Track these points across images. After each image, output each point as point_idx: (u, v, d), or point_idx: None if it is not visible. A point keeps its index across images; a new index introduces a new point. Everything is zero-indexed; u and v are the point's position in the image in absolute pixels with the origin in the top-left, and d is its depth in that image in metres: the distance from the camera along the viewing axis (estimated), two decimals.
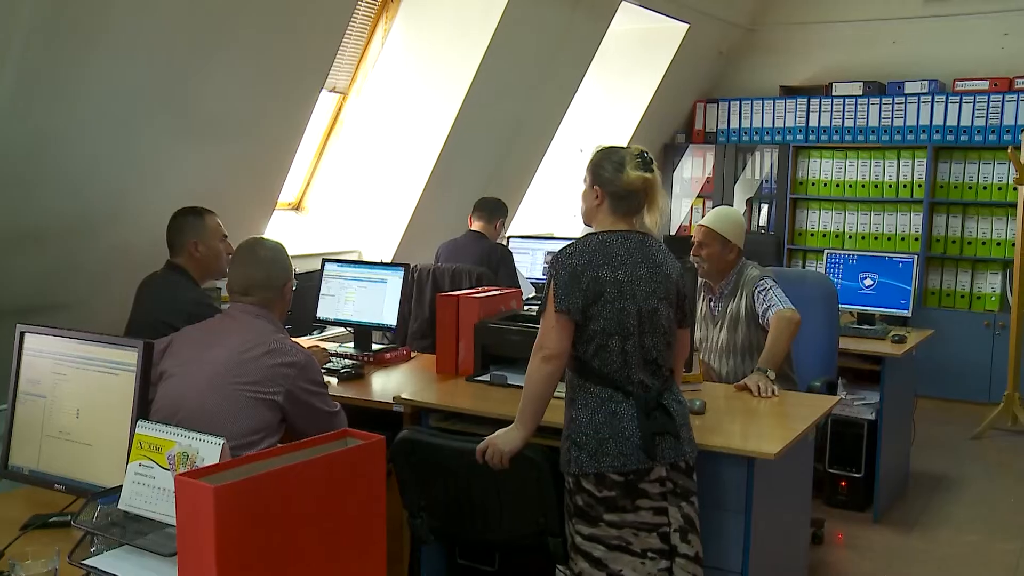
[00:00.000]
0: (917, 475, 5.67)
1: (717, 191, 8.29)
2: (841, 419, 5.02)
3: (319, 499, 1.56)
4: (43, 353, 2.42)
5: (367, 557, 1.66)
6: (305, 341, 4.43)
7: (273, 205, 4.93)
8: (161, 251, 3.72)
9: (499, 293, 4.08)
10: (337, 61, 5.02)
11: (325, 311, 4.45)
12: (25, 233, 3.71)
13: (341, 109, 5.79)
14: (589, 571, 2.76)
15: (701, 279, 4.19)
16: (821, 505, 5.01)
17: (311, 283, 4.47)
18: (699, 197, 8.41)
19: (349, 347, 4.34)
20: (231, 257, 3.03)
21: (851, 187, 7.80)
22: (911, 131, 7.51)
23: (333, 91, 5.64)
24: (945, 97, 7.39)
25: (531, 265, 6.59)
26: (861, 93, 7.73)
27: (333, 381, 3.78)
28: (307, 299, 4.42)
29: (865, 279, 5.51)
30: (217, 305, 3.59)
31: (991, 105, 7.23)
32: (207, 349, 2.81)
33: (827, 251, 5.84)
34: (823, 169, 7.91)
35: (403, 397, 3.47)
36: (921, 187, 7.48)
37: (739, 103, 8.26)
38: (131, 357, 2.28)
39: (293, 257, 3.09)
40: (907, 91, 7.55)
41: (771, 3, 8.33)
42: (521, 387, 3.37)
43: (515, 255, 6.45)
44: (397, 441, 3.03)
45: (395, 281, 4.30)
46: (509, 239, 6.73)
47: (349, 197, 5.87)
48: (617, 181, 2.82)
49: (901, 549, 4.65)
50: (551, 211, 7.73)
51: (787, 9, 8.30)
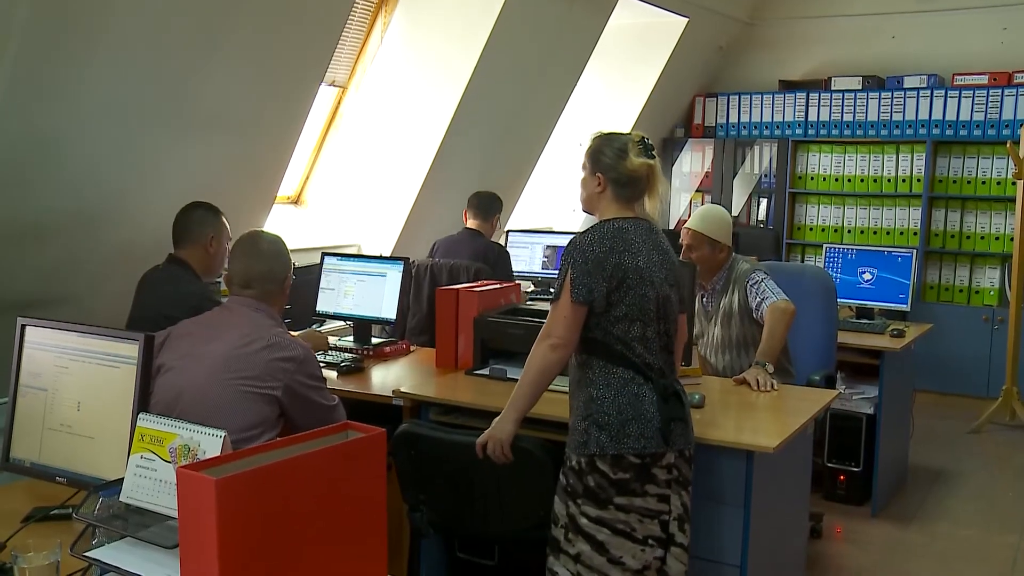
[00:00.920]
0: (916, 469, 5.68)
1: (716, 185, 8.29)
2: (840, 413, 5.03)
3: (320, 492, 1.57)
4: (44, 346, 2.42)
5: (367, 550, 1.66)
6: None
7: (272, 199, 4.93)
8: (161, 245, 3.72)
9: (498, 287, 4.08)
10: (336, 55, 5.01)
11: (324, 305, 4.46)
12: (25, 228, 3.71)
13: (340, 103, 5.79)
14: (588, 554, 2.74)
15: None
16: (820, 499, 5.02)
17: (310, 277, 4.47)
18: (698, 191, 8.41)
19: (348, 341, 4.35)
20: (231, 249, 3.03)
21: (850, 181, 7.80)
22: (910, 125, 7.51)
23: (332, 85, 5.63)
24: (944, 91, 7.39)
25: (530, 259, 6.59)
26: (860, 87, 7.72)
27: (332, 375, 3.77)
28: (306, 293, 4.42)
29: (864, 273, 5.52)
30: (219, 298, 3.59)
31: (990, 99, 7.23)
32: (205, 343, 2.81)
33: (826, 245, 5.84)
34: (822, 163, 7.91)
35: (403, 391, 3.47)
36: (920, 181, 7.48)
37: (738, 97, 8.26)
38: (132, 350, 2.28)
39: (292, 251, 3.10)
40: (906, 85, 7.55)
41: None
42: None
43: (514, 249, 6.47)
44: (397, 435, 3.03)
45: (394, 275, 4.30)
46: (508, 233, 6.73)
47: (348, 191, 5.86)
48: (620, 167, 2.81)
49: (900, 543, 4.67)
50: (550, 205, 7.73)
51: (786, 3, 8.29)
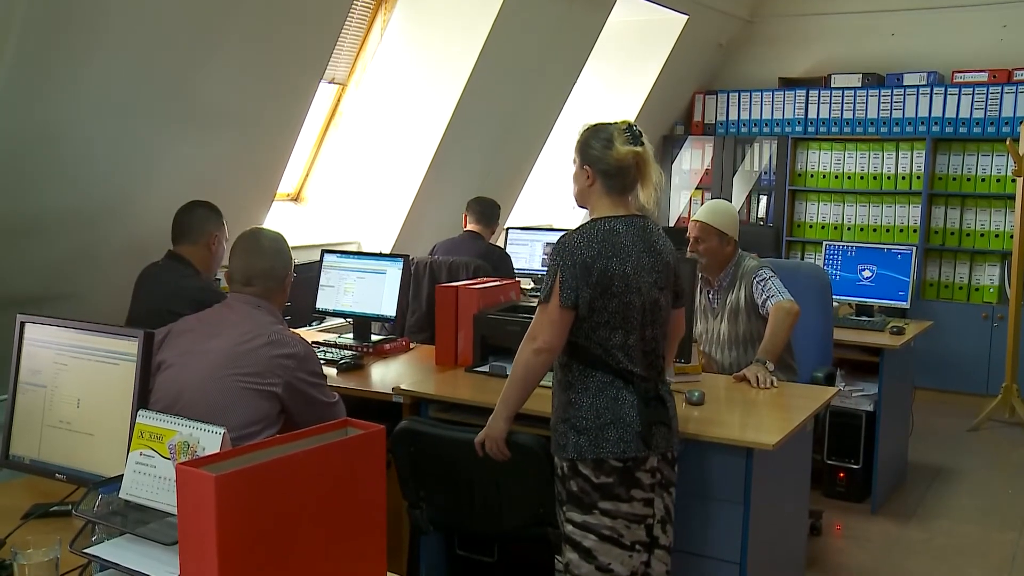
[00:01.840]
0: (915, 466, 5.68)
1: (716, 183, 8.29)
2: (839, 410, 5.03)
3: (320, 488, 1.57)
4: (44, 343, 2.42)
5: (367, 547, 1.66)
6: (304, 332, 4.43)
7: (272, 196, 4.93)
8: (162, 242, 3.72)
9: (498, 284, 4.08)
10: (336, 52, 5.01)
11: (324, 302, 4.46)
12: (24, 224, 3.71)
13: (340, 100, 5.78)
14: (576, 563, 2.75)
15: (699, 272, 4.20)
16: (819, 496, 5.02)
17: (310, 274, 4.47)
18: (698, 189, 8.40)
19: (348, 338, 4.35)
20: (231, 246, 3.03)
21: (850, 179, 7.80)
22: (910, 123, 7.51)
23: (332, 82, 5.63)
24: (944, 89, 7.39)
25: (529, 257, 6.59)
26: (860, 85, 7.72)
27: (333, 372, 3.78)
28: (306, 290, 4.42)
29: (863, 271, 5.52)
30: (221, 291, 3.59)
31: (990, 97, 7.23)
32: (206, 340, 2.81)
33: (826, 243, 5.84)
34: (822, 161, 7.91)
35: (403, 388, 3.48)
36: (920, 179, 7.48)
37: (738, 95, 8.25)
38: (131, 347, 2.28)
39: (292, 248, 3.10)
40: (906, 83, 7.54)
41: None
42: None
43: (513, 247, 6.48)
44: (397, 431, 3.04)
45: (394, 272, 4.30)
46: (508, 230, 6.73)
47: (348, 188, 5.86)
48: (607, 158, 2.74)
49: (899, 540, 4.67)
50: (550, 202, 7.73)
51: (786, 1, 8.28)
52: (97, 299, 4.01)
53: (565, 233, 2.75)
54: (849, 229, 7.83)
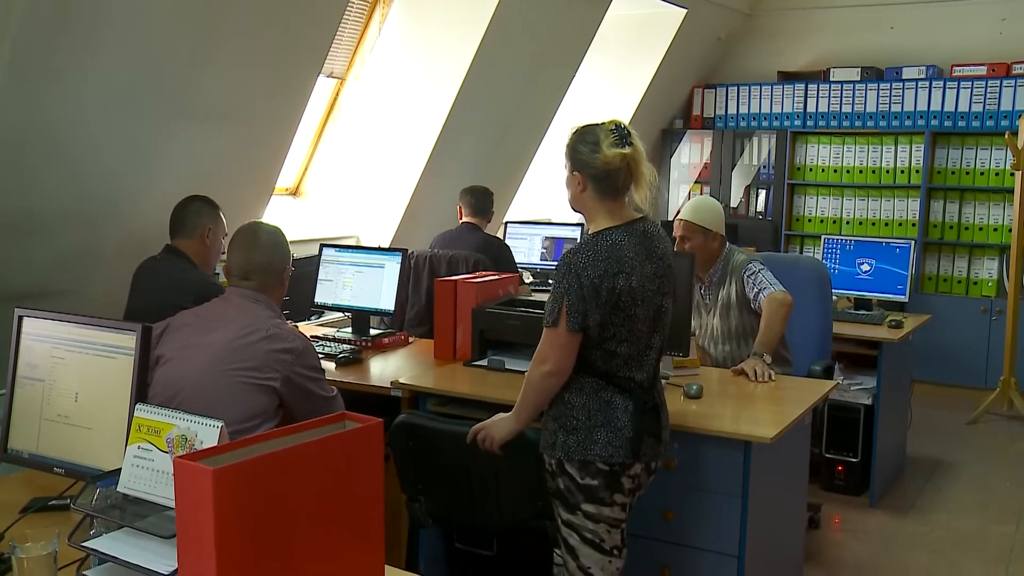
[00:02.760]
0: (913, 460, 5.69)
1: (715, 177, 8.28)
2: (838, 404, 5.03)
3: (318, 482, 1.57)
4: (41, 337, 2.42)
5: (365, 540, 1.66)
6: (303, 326, 4.43)
7: (271, 190, 4.93)
8: (161, 236, 3.72)
9: (497, 278, 4.08)
10: (334, 46, 5.01)
11: (323, 296, 4.46)
12: (23, 220, 3.71)
13: (339, 94, 5.78)
14: (562, 556, 2.78)
15: None
16: (818, 489, 5.03)
17: (309, 268, 4.46)
18: (697, 183, 8.40)
19: (347, 332, 4.35)
20: (230, 240, 3.03)
21: (848, 172, 7.79)
22: (908, 116, 7.50)
23: (330, 76, 5.62)
24: (943, 82, 7.38)
25: (529, 250, 6.60)
26: (859, 78, 7.72)
27: (331, 366, 3.78)
28: (305, 284, 4.42)
29: (862, 264, 5.52)
30: (221, 286, 3.59)
31: (989, 90, 7.22)
32: (205, 334, 2.81)
33: (824, 236, 5.84)
34: (821, 154, 7.91)
35: (401, 382, 3.48)
36: (919, 172, 7.48)
37: (737, 88, 8.25)
38: (129, 341, 2.28)
39: (291, 242, 3.09)
40: (905, 76, 7.54)
41: None
42: (518, 371, 3.39)
43: (513, 240, 6.48)
44: (395, 425, 3.04)
45: (393, 266, 4.30)
46: (507, 224, 6.73)
47: (347, 182, 5.86)
48: (594, 162, 2.71)
49: (897, 533, 4.68)
50: (549, 196, 7.72)
51: None
52: (96, 294, 4.01)
53: (569, 251, 2.69)
54: (848, 223, 7.83)
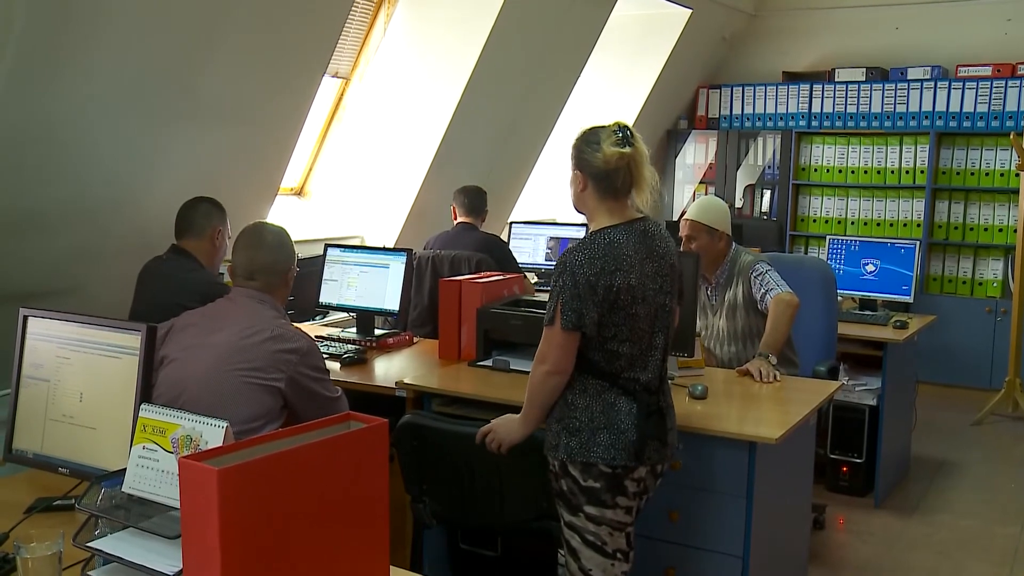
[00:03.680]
0: (918, 460, 5.68)
1: (720, 177, 8.28)
2: (842, 404, 5.03)
3: (322, 482, 1.57)
4: (46, 337, 2.42)
5: (370, 540, 1.66)
6: (307, 327, 4.43)
7: (275, 190, 4.93)
8: (164, 236, 3.73)
9: (502, 278, 4.07)
10: (339, 46, 5.00)
11: (328, 296, 4.46)
12: (28, 220, 3.71)
13: (343, 94, 5.78)
14: (565, 557, 2.77)
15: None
16: (822, 490, 5.03)
17: (314, 268, 4.47)
18: (701, 183, 8.40)
19: (351, 332, 4.35)
20: (234, 241, 3.03)
21: (853, 173, 7.78)
22: (913, 117, 7.49)
23: (335, 76, 5.63)
24: (948, 83, 7.37)
25: (533, 251, 6.59)
26: (864, 79, 7.71)
27: (336, 366, 3.78)
28: (310, 284, 4.42)
29: (867, 265, 5.51)
30: (227, 286, 3.60)
31: (993, 91, 7.21)
32: (209, 334, 2.81)
33: (829, 237, 5.83)
34: (825, 155, 7.90)
35: (406, 382, 3.47)
36: (923, 173, 7.46)
37: (742, 89, 8.24)
38: (134, 341, 2.28)
39: (296, 242, 3.10)
40: (910, 77, 7.53)
41: None
42: (523, 372, 3.39)
43: (517, 240, 6.48)
44: (400, 425, 3.04)
45: (397, 266, 4.30)
46: (511, 224, 6.73)
47: (351, 182, 5.86)
48: (595, 161, 2.72)
49: (902, 534, 4.67)
50: (554, 197, 7.72)
51: None
52: (100, 294, 4.01)
53: (567, 250, 2.70)
54: (853, 223, 7.82)
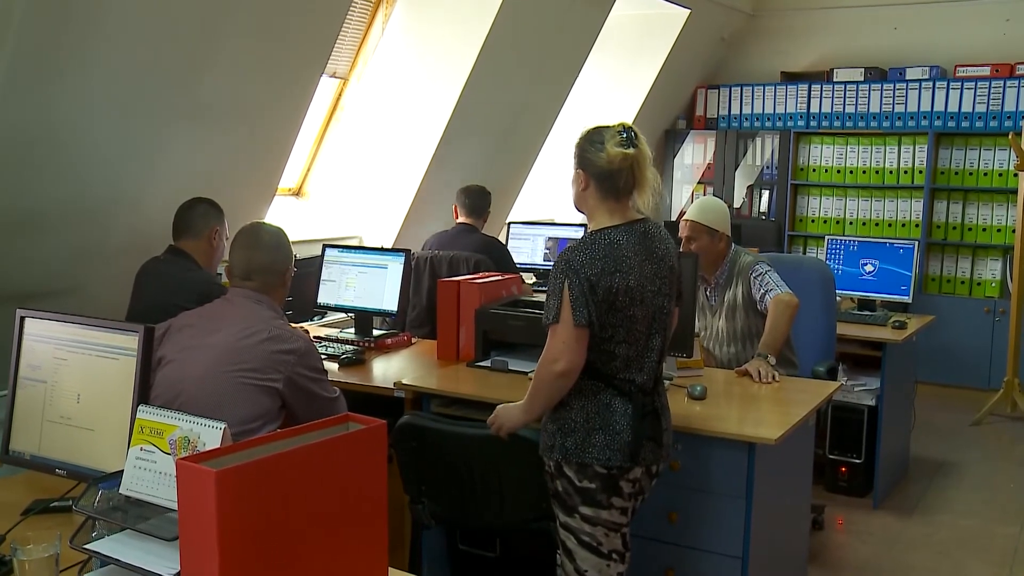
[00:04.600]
0: (917, 461, 5.68)
1: (718, 177, 8.28)
2: (841, 405, 5.03)
3: (321, 484, 1.56)
4: (43, 338, 2.41)
5: (369, 541, 1.66)
6: (306, 327, 4.42)
7: (273, 190, 4.93)
8: (163, 237, 3.72)
9: (500, 279, 4.07)
10: (337, 46, 5.00)
11: (326, 297, 4.45)
12: (26, 220, 3.70)
13: (341, 94, 5.77)
14: (560, 558, 2.77)
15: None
16: (822, 491, 5.02)
17: (312, 269, 4.46)
18: (700, 183, 8.40)
19: (350, 333, 4.34)
20: (232, 241, 3.03)
21: (852, 173, 7.79)
22: (912, 117, 7.49)
23: (333, 76, 5.62)
24: (946, 83, 7.37)
25: (531, 251, 6.58)
26: (862, 79, 7.71)
27: (334, 367, 3.77)
28: (308, 285, 4.42)
29: (866, 265, 5.51)
30: (224, 287, 3.59)
31: (992, 91, 7.22)
32: (206, 335, 2.80)
33: (828, 237, 5.83)
34: (824, 155, 7.90)
35: (404, 383, 3.47)
36: (922, 173, 7.47)
37: (740, 89, 8.24)
38: (132, 342, 2.28)
39: (293, 243, 3.09)
40: (908, 77, 7.53)
41: None
42: (522, 372, 3.39)
43: (516, 241, 6.47)
44: (398, 426, 3.03)
45: (396, 267, 4.30)
46: (510, 225, 6.72)
47: (350, 183, 5.86)
48: (598, 161, 2.70)
49: (901, 534, 4.67)
50: (552, 197, 7.72)
51: None
52: (100, 294, 4.01)
53: (567, 249, 2.69)
54: (851, 223, 7.82)
